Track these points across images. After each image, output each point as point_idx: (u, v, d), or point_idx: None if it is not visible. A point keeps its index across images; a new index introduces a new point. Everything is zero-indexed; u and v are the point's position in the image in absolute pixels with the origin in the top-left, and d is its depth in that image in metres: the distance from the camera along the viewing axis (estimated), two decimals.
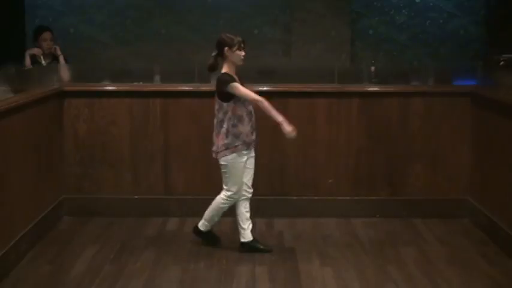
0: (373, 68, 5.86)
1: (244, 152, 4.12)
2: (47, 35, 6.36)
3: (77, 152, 4.95)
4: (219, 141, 4.12)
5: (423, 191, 4.99)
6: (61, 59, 6.36)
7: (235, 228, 4.60)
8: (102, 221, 4.83)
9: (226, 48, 4.07)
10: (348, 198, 5.01)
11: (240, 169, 4.14)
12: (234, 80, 4.05)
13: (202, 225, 4.34)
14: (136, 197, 5.00)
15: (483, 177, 4.76)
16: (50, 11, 8.23)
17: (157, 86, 5.27)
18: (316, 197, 4.97)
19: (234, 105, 4.07)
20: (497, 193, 4.51)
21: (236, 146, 4.09)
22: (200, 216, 4.91)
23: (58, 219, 4.85)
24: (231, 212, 4.86)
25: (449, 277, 3.90)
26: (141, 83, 5.22)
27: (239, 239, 4.28)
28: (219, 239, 4.40)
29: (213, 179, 4.96)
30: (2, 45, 7.16)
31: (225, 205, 4.23)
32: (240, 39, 4.10)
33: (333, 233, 4.69)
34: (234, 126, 4.08)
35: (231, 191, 4.17)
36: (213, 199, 4.94)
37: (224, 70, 4.11)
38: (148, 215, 4.94)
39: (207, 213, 4.29)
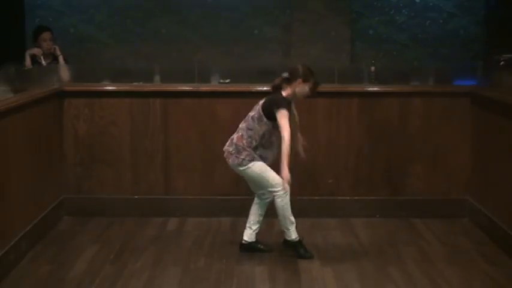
0: (373, 68, 5.85)
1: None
2: (46, 35, 6.36)
3: (77, 152, 4.95)
4: (244, 148, 4.03)
5: (423, 191, 4.99)
6: (61, 59, 6.36)
7: (235, 228, 4.60)
8: (102, 221, 4.83)
9: (299, 79, 4.03)
10: (348, 198, 5.01)
11: (264, 166, 4.06)
12: (287, 108, 3.97)
13: (288, 234, 4.16)
14: (136, 197, 5.00)
15: (483, 177, 4.76)
16: (50, 11, 8.23)
17: (157, 86, 5.27)
18: (316, 197, 4.97)
19: (272, 128, 4.02)
20: (497, 193, 4.51)
21: (266, 157, 4.07)
22: (200, 215, 4.93)
23: (58, 219, 4.85)
24: (230, 212, 4.87)
25: (449, 277, 3.90)
26: (141, 83, 5.22)
27: (241, 239, 4.27)
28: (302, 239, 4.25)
29: (213, 179, 4.97)
30: (2, 45, 7.16)
31: (284, 201, 4.07)
32: (316, 80, 4.07)
33: (333, 233, 4.69)
34: (264, 147, 4.04)
35: (276, 187, 4.06)
36: (213, 199, 4.97)
37: (284, 94, 4.05)
38: (148, 215, 4.94)
39: (281, 222, 4.13)
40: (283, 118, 3.95)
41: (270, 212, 4.52)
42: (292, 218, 4.12)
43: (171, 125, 4.94)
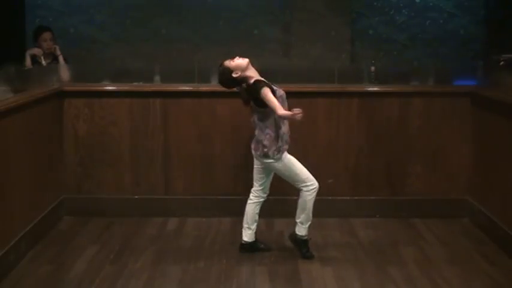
0: (373, 68, 5.85)
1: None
2: (47, 35, 6.35)
3: (77, 152, 4.95)
4: (271, 146, 4.02)
5: (423, 191, 5.00)
6: (61, 59, 6.36)
7: (235, 228, 4.60)
8: (102, 221, 4.83)
9: (232, 72, 4.02)
10: (348, 198, 5.01)
11: (295, 160, 4.10)
12: (266, 85, 3.94)
13: (299, 229, 4.19)
14: (136, 197, 5.00)
15: (483, 177, 4.76)
16: (50, 11, 8.22)
17: (157, 86, 5.27)
18: (316, 197, 4.96)
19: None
20: (497, 193, 4.51)
21: (285, 147, 4.07)
22: (200, 216, 4.93)
23: (58, 219, 4.85)
24: (230, 212, 4.87)
25: (449, 277, 3.90)
26: (141, 83, 5.22)
27: (240, 239, 4.27)
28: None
29: (213, 179, 4.97)
30: (2, 45, 7.15)
31: (311, 196, 4.12)
32: (220, 65, 4.08)
33: (333, 233, 4.69)
34: (279, 128, 4.03)
35: (306, 182, 4.10)
36: (213, 199, 4.97)
37: (251, 81, 4.01)
38: (148, 215, 4.94)
39: (299, 215, 4.16)
40: (266, 96, 3.90)
41: (270, 212, 4.54)
42: (311, 216, 4.15)
43: (171, 125, 4.94)
